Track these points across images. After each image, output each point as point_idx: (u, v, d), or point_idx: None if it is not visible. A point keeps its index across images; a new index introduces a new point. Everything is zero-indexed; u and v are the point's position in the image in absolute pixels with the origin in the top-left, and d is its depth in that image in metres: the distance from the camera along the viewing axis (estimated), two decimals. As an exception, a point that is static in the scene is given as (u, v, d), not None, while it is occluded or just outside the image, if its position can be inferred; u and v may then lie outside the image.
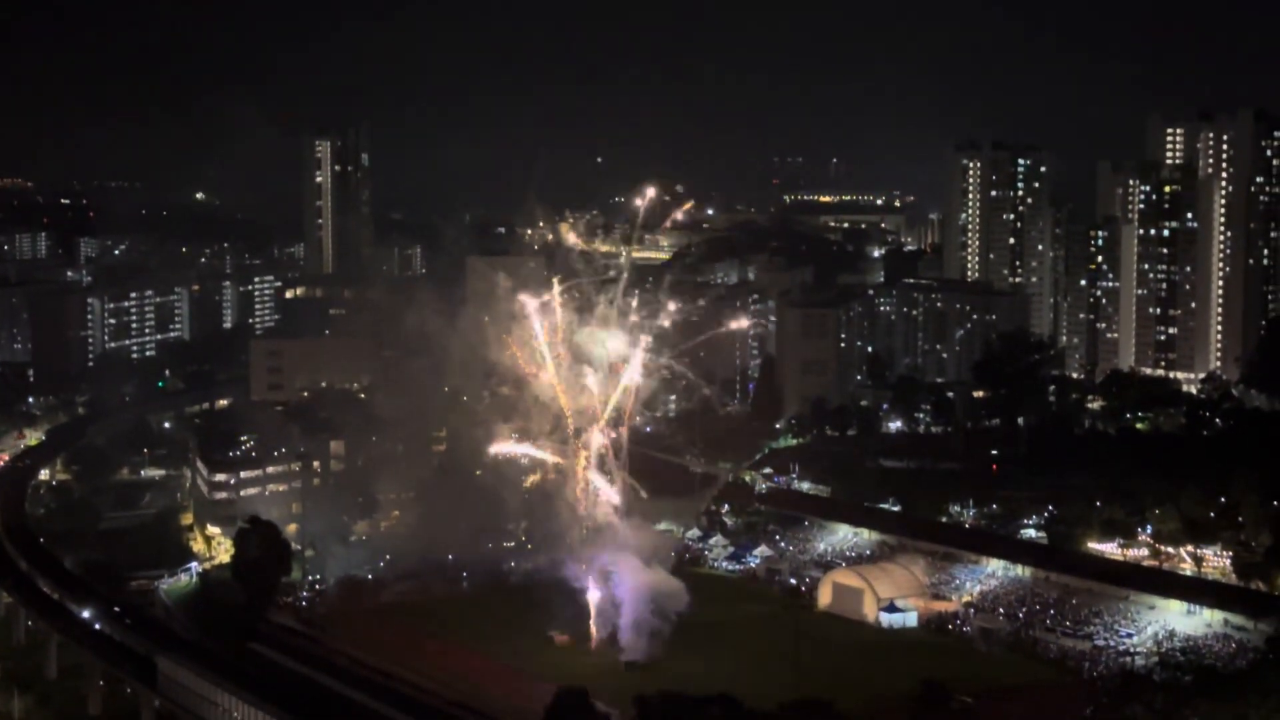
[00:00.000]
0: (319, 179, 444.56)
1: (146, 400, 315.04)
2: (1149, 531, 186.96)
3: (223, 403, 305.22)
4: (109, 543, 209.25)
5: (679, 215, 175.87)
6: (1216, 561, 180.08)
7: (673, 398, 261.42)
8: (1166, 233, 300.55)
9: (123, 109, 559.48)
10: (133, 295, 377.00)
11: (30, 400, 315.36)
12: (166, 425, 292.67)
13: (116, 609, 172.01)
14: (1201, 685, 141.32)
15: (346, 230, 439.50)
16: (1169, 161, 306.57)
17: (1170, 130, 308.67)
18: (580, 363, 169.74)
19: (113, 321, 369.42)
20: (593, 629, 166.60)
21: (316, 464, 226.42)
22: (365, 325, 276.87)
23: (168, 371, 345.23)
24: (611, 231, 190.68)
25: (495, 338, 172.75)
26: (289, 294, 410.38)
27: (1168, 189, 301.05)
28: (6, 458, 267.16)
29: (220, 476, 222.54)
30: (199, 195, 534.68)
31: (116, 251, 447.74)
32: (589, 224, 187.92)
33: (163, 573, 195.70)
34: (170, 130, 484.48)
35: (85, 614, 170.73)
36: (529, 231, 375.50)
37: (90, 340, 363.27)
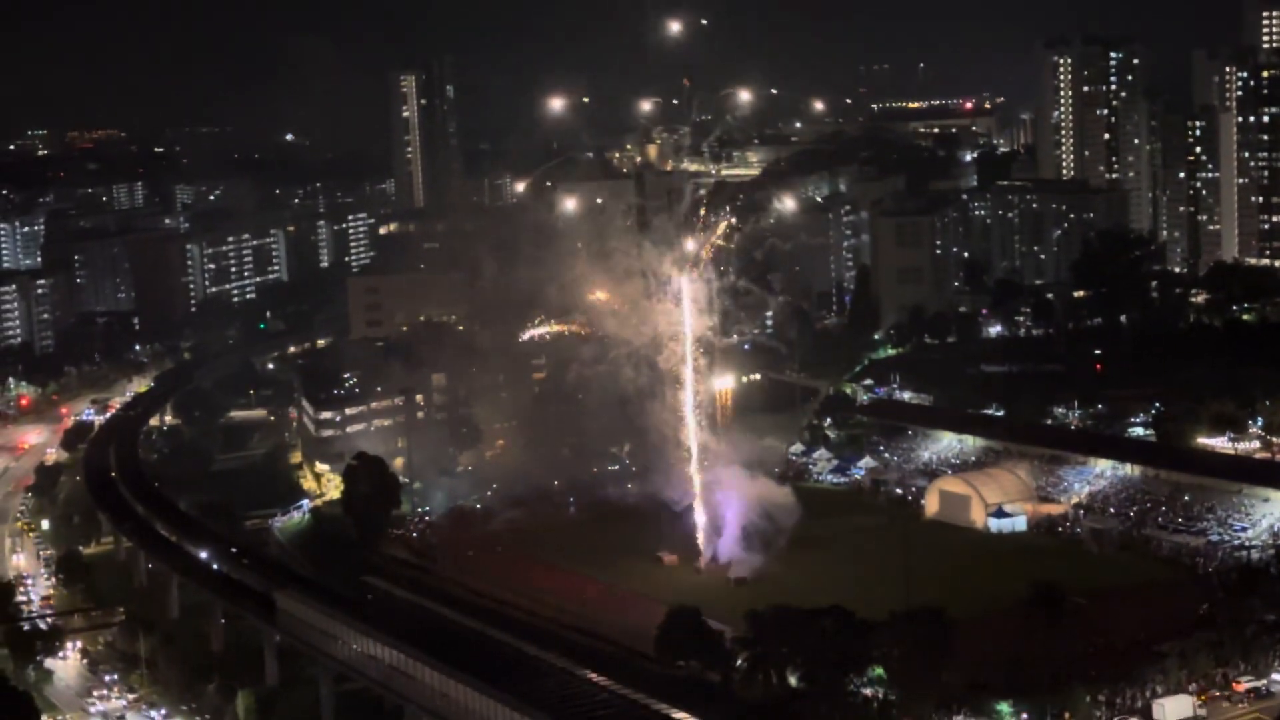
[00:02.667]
0: (405, 114, 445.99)
1: (249, 342, 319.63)
2: (1260, 424, 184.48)
3: (323, 342, 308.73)
4: (222, 484, 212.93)
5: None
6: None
7: (769, 313, 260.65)
8: (1267, 119, 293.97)
9: (208, 56, 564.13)
10: (230, 240, 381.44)
11: (136, 348, 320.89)
12: (270, 366, 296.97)
13: (233, 548, 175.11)
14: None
15: (436, 163, 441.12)
16: (1266, 46, 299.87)
17: (1267, 13, 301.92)
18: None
19: (212, 266, 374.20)
20: (700, 547, 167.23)
21: (419, 398, 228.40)
22: (459, 257, 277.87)
23: (268, 313, 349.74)
24: (700, 150, 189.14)
25: (584, 261, 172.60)
26: (382, 230, 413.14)
27: (1266, 74, 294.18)
28: (117, 405, 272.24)
29: (326, 414, 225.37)
30: (289, 137, 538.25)
31: (211, 197, 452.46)
32: (677, 143, 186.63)
33: (275, 511, 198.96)
34: (256, 74, 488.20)
35: (203, 554, 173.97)
36: (617, 154, 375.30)
37: (191, 286, 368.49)
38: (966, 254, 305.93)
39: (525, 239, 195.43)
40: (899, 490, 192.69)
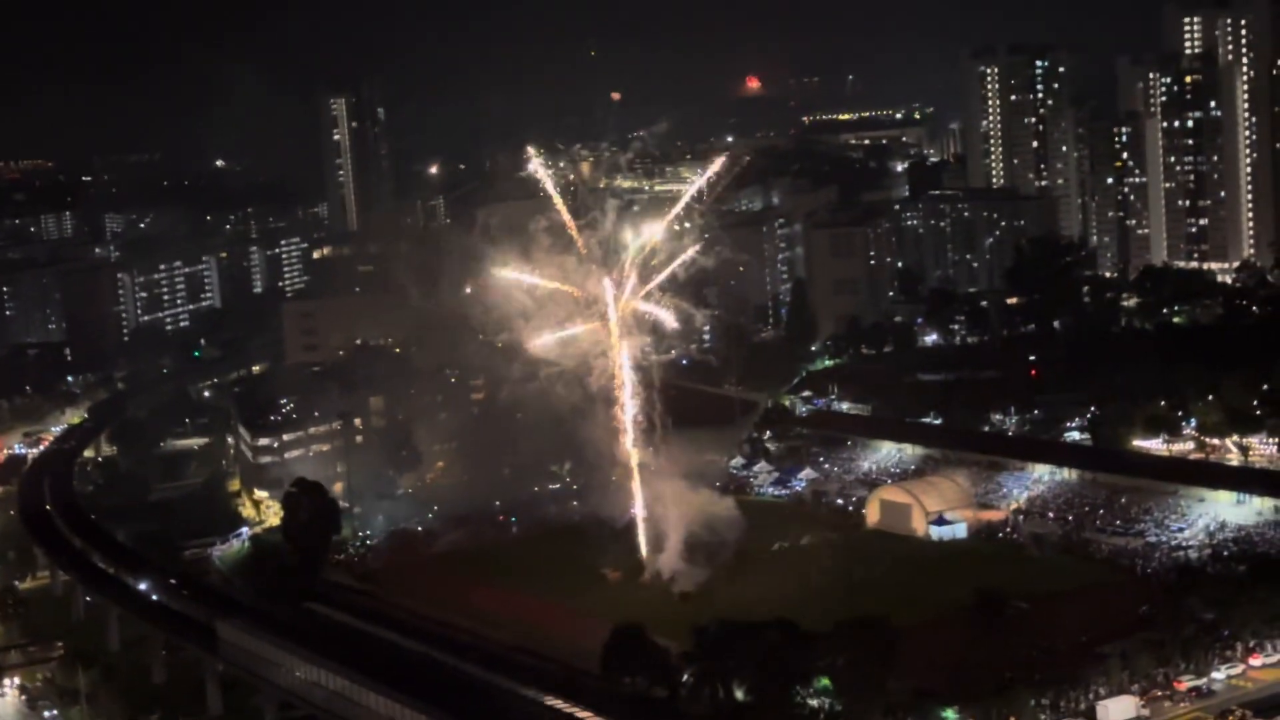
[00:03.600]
0: (337, 137, 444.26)
1: (184, 371, 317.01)
2: (1193, 425, 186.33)
3: (259, 368, 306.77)
4: (159, 514, 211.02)
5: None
6: (1263, 449, 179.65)
7: (706, 328, 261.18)
8: (1191, 123, 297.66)
9: (135, 83, 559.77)
10: (162, 268, 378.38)
11: (69, 379, 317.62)
12: (206, 394, 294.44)
13: (173, 579, 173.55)
14: (1257, 573, 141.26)
15: (368, 186, 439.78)
16: (1188, 51, 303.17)
17: (1187, 19, 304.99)
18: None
19: (144, 295, 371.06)
20: (643, 562, 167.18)
21: (358, 421, 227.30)
22: (394, 280, 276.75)
23: (202, 341, 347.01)
24: (633, 166, 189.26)
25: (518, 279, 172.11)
26: (316, 254, 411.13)
27: (1189, 79, 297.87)
28: (51, 438, 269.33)
29: (263, 441, 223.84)
30: (219, 163, 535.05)
31: (142, 225, 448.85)
32: (609, 160, 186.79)
33: (215, 540, 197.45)
34: (184, 100, 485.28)
35: (142, 586, 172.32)
36: (550, 173, 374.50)
37: (124, 315, 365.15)
38: (900, 264, 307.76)
39: (455, 261, 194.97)
40: (840, 501, 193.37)
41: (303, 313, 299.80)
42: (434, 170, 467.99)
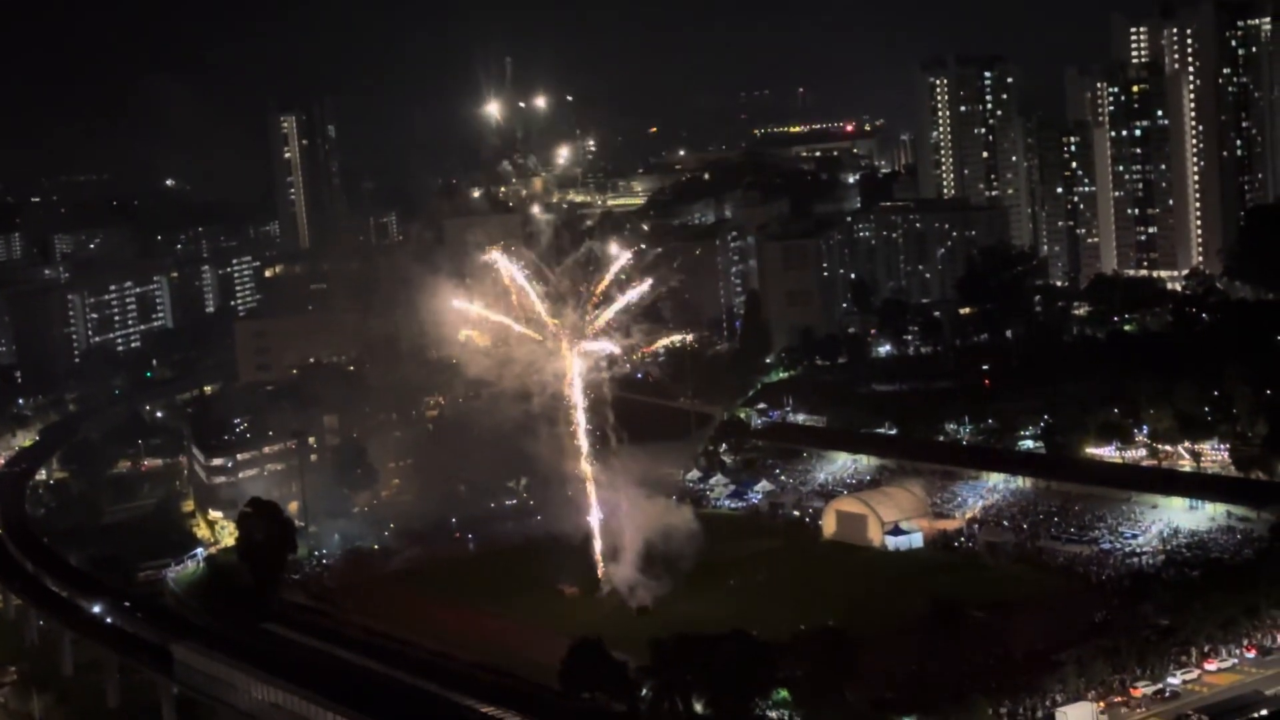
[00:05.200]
0: (287, 155, 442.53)
1: (136, 392, 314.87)
2: (1145, 432, 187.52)
3: (212, 388, 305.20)
4: (113, 536, 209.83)
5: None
6: (1215, 455, 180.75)
7: (661, 343, 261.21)
8: (1138, 133, 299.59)
9: (82, 103, 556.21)
10: (112, 288, 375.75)
11: (20, 402, 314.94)
12: (159, 415, 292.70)
13: (127, 601, 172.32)
14: (1210, 579, 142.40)
15: (319, 204, 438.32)
16: (1135, 61, 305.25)
17: (1134, 29, 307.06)
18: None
19: (94, 316, 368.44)
20: (600, 577, 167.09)
21: (312, 440, 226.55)
22: (347, 298, 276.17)
23: (154, 361, 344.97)
24: (585, 182, 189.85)
25: (476, 297, 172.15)
26: (268, 273, 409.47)
27: (1136, 89, 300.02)
28: (1, 461, 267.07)
29: (217, 461, 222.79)
30: (169, 182, 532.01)
31: (91, 246, 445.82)
32: (559, 177, 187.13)
33: (169, 561, 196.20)
34: (133, 120, 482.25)
35: (96, 609, 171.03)
36: (502, 189, 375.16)
37: (74, 337, 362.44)
38: (853, 275, 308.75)
39: (408, 279, 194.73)
40: (796, 513, 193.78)
41: (255, 332, 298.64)
42: (385, 188, 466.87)
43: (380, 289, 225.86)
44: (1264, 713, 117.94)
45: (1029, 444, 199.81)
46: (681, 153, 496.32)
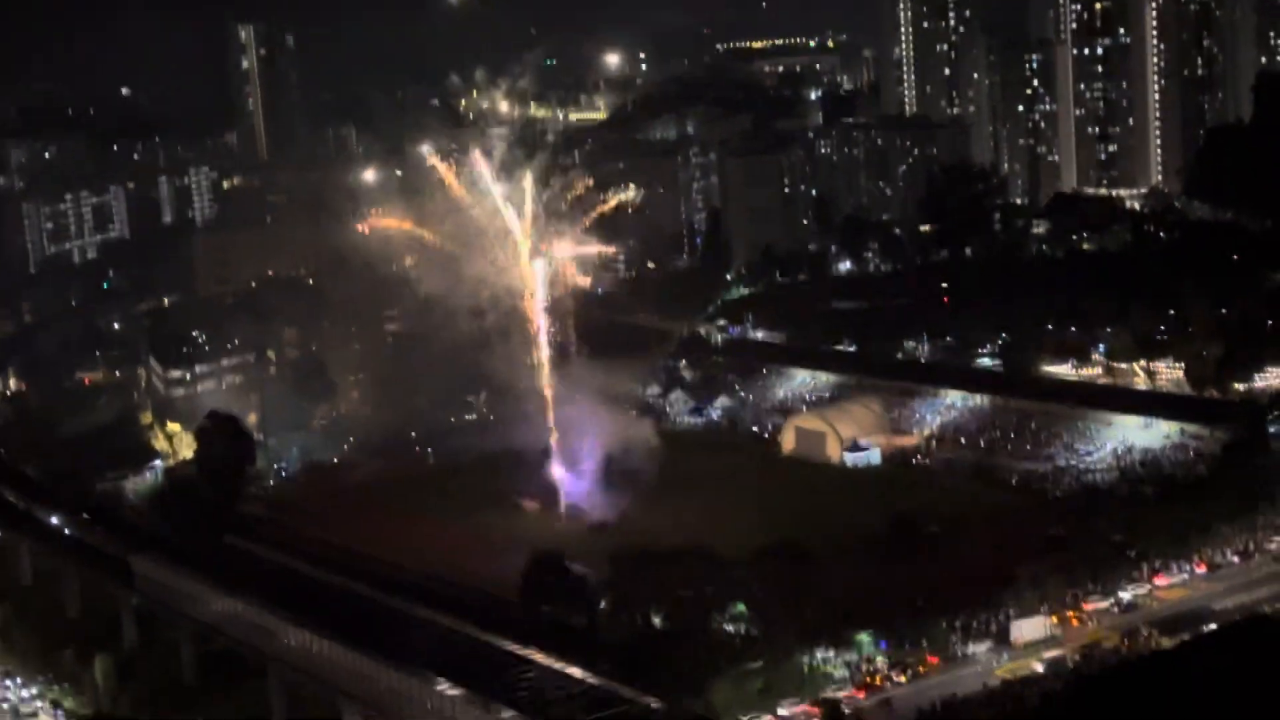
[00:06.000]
0: (245, 65, 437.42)
1: (93, 303, 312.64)
2: (1102, 350, 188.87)
3: (170, 300, 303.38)
4: (71, 449, 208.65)
5: None
6: (1170, 374, 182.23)
7: (621, 258, 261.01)
8: (1100, 50, 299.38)
9: (35, 8, 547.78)
10: (68, 198, 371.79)
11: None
12: (116, 327, 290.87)
13: (86, 513, 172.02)
14: (1163, 495, 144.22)
15: (278, 115, 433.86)
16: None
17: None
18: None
19: (50, 226, 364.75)
20: (560, 492, 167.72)
21: (271, 354, 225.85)
22: (306, 211, 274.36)
23: (111, 272, 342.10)
24: (546, 96, 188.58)
25: (436, 211, 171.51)
26: (226, 185, 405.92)
27: (1099, 6, 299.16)
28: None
29: (175, 373, 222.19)
30: (124, 91, 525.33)
31: (46, 155, 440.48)
32: (523, 91, 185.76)
33: (128, 473, 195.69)
34: (88, 27, 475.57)
35: (55, 520, 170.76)
36: (463, 102, 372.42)
37: (30, 247, 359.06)
38: (814, 192, 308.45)
39: (366, 193, 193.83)
40: (755, 429, 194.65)
41: (214, 244, 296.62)
42: (344, 100, 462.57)
43: (339, 202, 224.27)
44: (1212, 626, 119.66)
45: (987, 361, 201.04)
46: (644, 68, 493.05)
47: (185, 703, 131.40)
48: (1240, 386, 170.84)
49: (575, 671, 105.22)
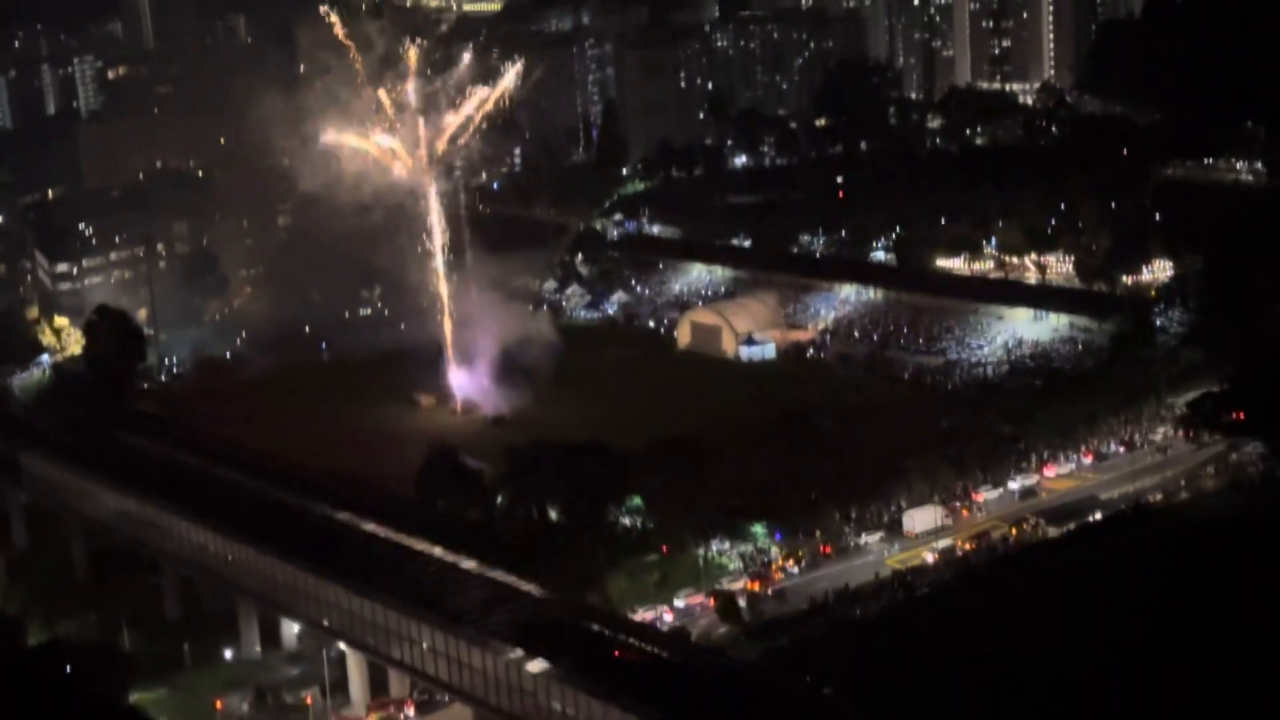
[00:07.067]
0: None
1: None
2: (993, 244, 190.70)
3: (55, 192, 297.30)
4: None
5: None
6: (1060, 267, 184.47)
7: (517, 151, 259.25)
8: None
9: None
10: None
11: None
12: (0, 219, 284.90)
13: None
14: (1051, 388, 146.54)
15: (164, 3, 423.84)
16: None
17: None
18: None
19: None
20: (455, 387, 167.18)
21: (161, 248, 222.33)
22: (195, 102, 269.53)
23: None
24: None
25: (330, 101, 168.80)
26: (111, 74, 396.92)
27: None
28: None
29: (62, 267, 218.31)
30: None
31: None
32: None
33: (14, 368, 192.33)
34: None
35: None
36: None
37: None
38: (711, 86, 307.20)
39: (259, 83, 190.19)
40: (652, 323, 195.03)
41: (99, 135, 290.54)
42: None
43: (228, 93, 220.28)
44: (1098, 515, 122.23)
45: (881, 256, 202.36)
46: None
47: (78, 600, 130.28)
48: (1128, 280, 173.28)
49: (471, 565, 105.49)
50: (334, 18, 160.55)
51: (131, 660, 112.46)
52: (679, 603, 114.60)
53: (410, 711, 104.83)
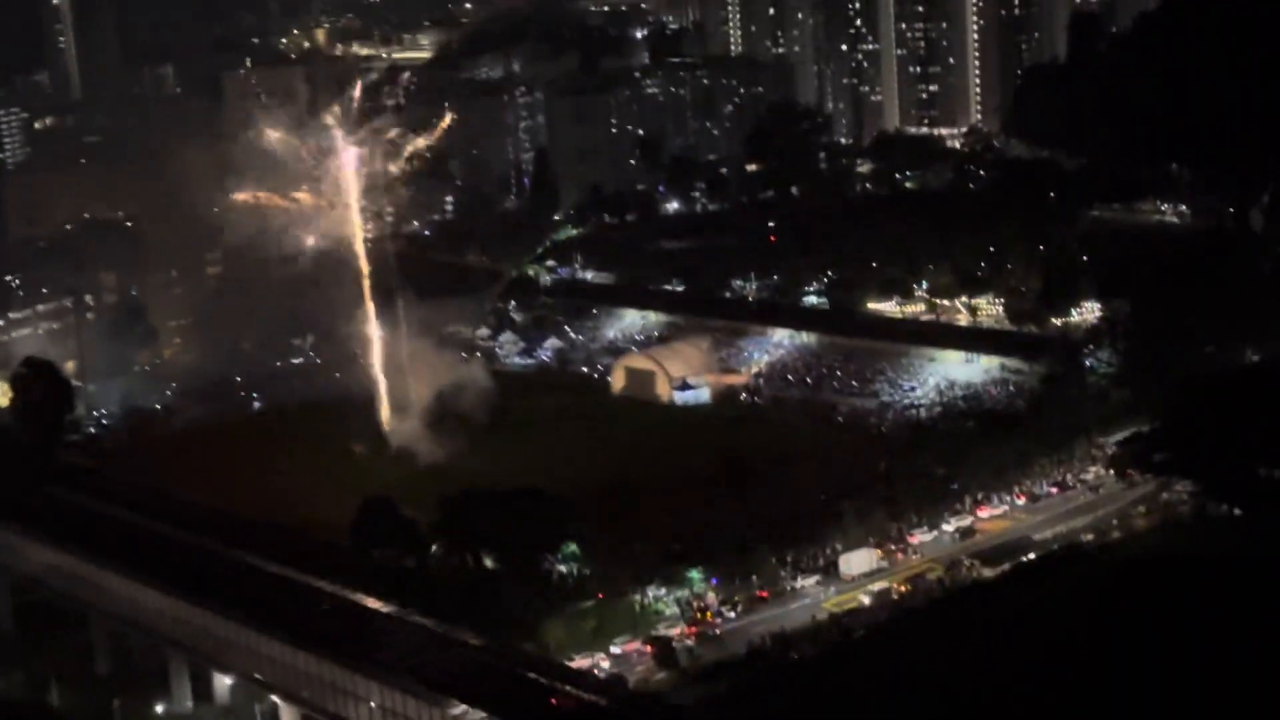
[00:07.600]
0: (56, 1, 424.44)
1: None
2: (925, 287, 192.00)
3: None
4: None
5: None
6: (990, 309, 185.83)
7: (449, 199, 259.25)
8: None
9: None
10: None
11: None
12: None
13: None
14: (983, 429, 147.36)
15: (92, 54, 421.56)
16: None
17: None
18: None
19: None
20: (389, 435, 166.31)
21: (89, 298, 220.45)
22: (123, 153, 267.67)
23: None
24: (370, 35, 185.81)
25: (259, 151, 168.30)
26: (37, 125, 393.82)
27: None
28: None
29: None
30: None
31: None
32: (344, 28, 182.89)
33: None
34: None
35: None
36: (284, 40, 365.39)
37: None
38: (641, 132, 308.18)
39: (187, 133, 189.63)
40: (585, 369, 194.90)
41: (25, 186, 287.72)
42: (161, 39, 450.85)
43: (157, 144, 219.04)
44: (1032, 556, 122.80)
45: (813, 299, 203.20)
46: (470, 5, 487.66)
47: (5, 656, 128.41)
48: (1057, 321, 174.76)
49: (405, 614, 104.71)
50: (262, 68, 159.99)
51: (61, 717, 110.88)
52: (616, 650, 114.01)
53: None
